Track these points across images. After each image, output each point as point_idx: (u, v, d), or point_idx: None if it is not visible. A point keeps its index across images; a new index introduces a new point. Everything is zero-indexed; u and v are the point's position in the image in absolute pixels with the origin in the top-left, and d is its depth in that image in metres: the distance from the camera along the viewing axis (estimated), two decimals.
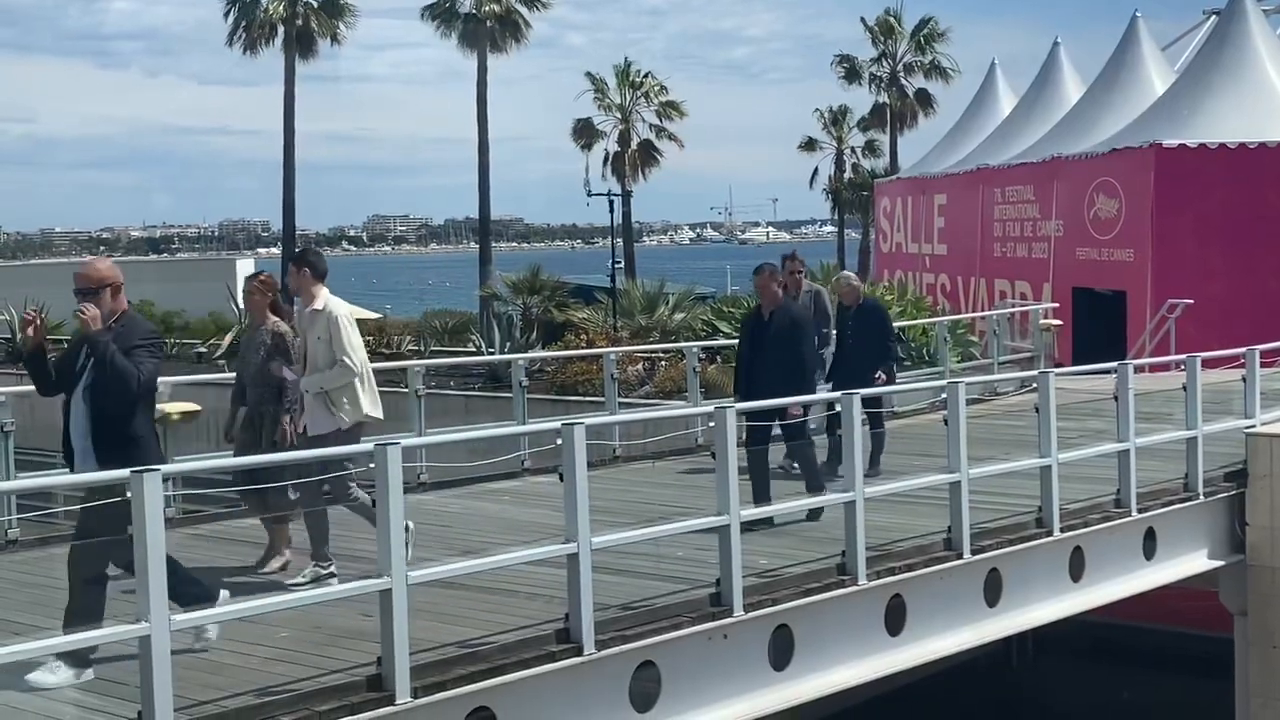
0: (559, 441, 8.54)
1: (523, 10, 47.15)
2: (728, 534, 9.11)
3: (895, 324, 20.84)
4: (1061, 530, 11.59)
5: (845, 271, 15.70)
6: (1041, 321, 22.53)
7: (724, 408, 9.46)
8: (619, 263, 37.53)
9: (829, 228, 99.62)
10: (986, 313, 25.45)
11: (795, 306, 12.30)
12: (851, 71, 61.71)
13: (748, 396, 11.50)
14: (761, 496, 10.97)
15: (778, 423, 11.60)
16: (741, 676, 9.20)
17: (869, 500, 10.17)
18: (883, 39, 60.77)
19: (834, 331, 14.58)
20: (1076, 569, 11.82)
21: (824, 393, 12.71)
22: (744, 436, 11.03)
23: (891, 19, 60.80)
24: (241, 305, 31.32)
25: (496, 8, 46.01)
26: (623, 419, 15.01)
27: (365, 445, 8.55)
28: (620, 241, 54.29)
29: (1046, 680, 18.83)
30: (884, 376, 13.98)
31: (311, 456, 9.07)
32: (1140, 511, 12.41)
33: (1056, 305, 24.38)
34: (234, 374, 11.34)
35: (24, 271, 62.90)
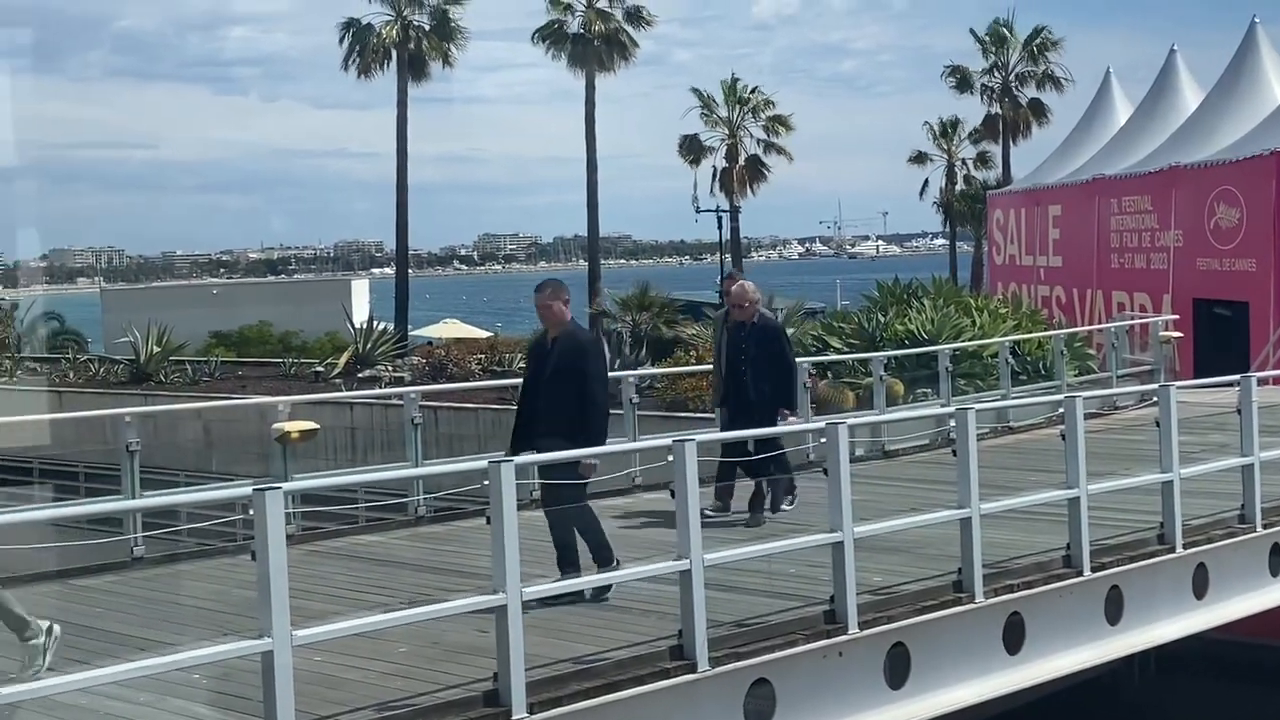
0: (670, 458, 8.55)
1: (630, 29, 47.46)
2: (841, 551, 9.04)
3: (1009, 337, 20.62)
4: (1184, 547, 11.35)
5: (741, 280, 12.71)
6: (1161, 334, 22.08)
7: (835, 424, 9.41)
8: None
9: (940, 241, 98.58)
10: (1104, 325, 25.00)
11: (583, 332, 10.19)
12: (962, 82, 61.07)
13: (515, 438, 9.82)
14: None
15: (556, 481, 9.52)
16: (857, 695, 9.12)
17: (985, 517, 10.04)
18: (994, 49, 60.05)
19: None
20: (1200, 586, 11.57)
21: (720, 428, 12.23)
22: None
23: (1003, 29, 60.08)
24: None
25: (604, 28, 46.35)
26: (733, 435, 14.93)
27: (480, 463, 8.62)
28: (729, 257, 54.32)
29: (1168, 699, 18.40)
30: (790, 417, 12.35)
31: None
32: (1265, 527, 12.11)
33: (1176, 317, 23.88)
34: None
35: (147, 294, 64.47)
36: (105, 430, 15.35)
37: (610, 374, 10.56)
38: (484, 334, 41.37)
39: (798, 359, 14.69)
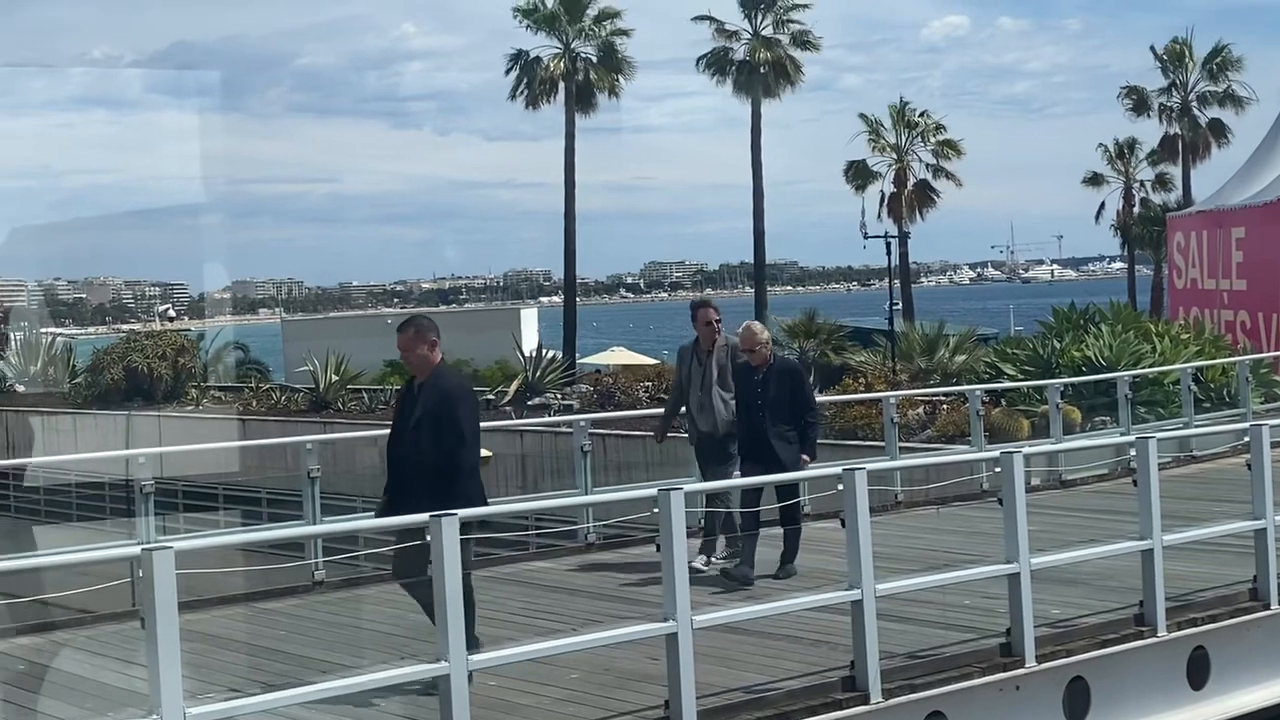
0: (840, 487, 8.51)
1: (796, 54, 47.39)
2: (1018, 582, 8.88)
3: (1192, 363, 20.03)
4: None
5: (751, 321, 12.18)
6: None
7: (1009, 453, 9.25)
8: (897, 304, 37.11)
9: (1118, 264, 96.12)
10: None
11: (451, 375, 9.21)
12: (1140, 103, 59.53)
13: (388, 493, 8.87)
14: None
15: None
16: None
17: (1167, 548, 9.77)
18: (1173, 68, 58.44)
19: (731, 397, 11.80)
20: None
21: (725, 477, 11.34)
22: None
23: (1182, 47, 58.48)
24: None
25: (769, 54, 46.37)
26: (904, 464, 14.82)
27: (650, 490, 8.67)
28: (898, 283, 53.72)
29: None
30: (811, 463, 11.50)
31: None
32: None
33: None
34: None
35: (325, 324, 66.29)
36: (287, 457, 15.81)
37: (651, 412, 10.46)
38: (651, 361, 41.59)
39: (971, 386, 14.25)
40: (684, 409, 12.12)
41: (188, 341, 38.90)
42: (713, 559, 11.57)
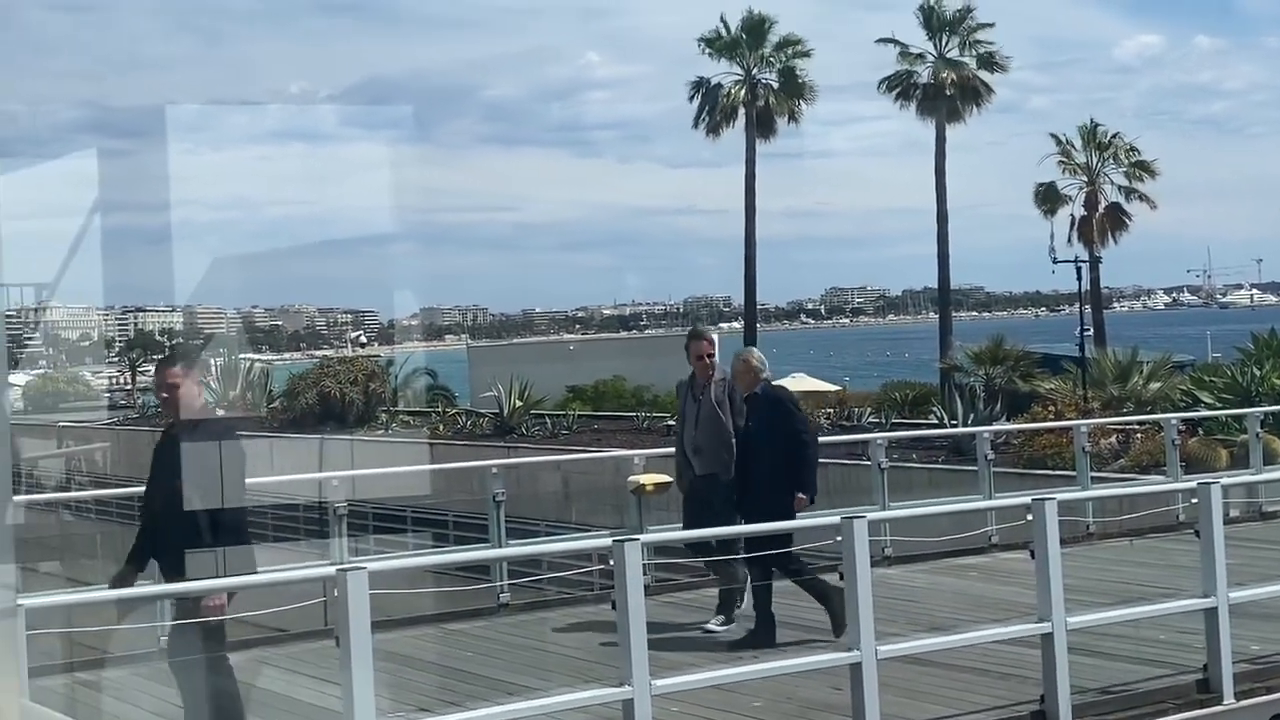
0: (1029, 517, 8.35)
1: (983, 76, 46.72)
2: (1216, 617, 8.60)
3: None
4: None
5: (747, 347, 11.19)
6: None
7: (1207, 484, 8.96)
8: (1088, 330, 36.19)
9: None
10: None
11: (215, 424, 8.01)
12: None
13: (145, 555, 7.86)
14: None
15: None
16: None
17: None
18: None
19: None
20: None
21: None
22: None
23: None
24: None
25: (955, 76, 45.81)
26: (1096, 494, 14.46)
27: (831, 518, 8.63)
28: (1089, 308, 52.40)
29: None
30: (804, 498, 10.39)
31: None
32: None
33: None
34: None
35: (508, 350, 67.38)
36: (473, 481, 16.10)
37: (963, 429, 10.24)
38: (832, 388, 41.30)
39: (1166, 414, 13.73)
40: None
41: (378, 367, 39.93)
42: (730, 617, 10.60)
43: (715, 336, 11.41)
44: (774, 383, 10.96)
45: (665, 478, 13.21)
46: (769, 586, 10.00)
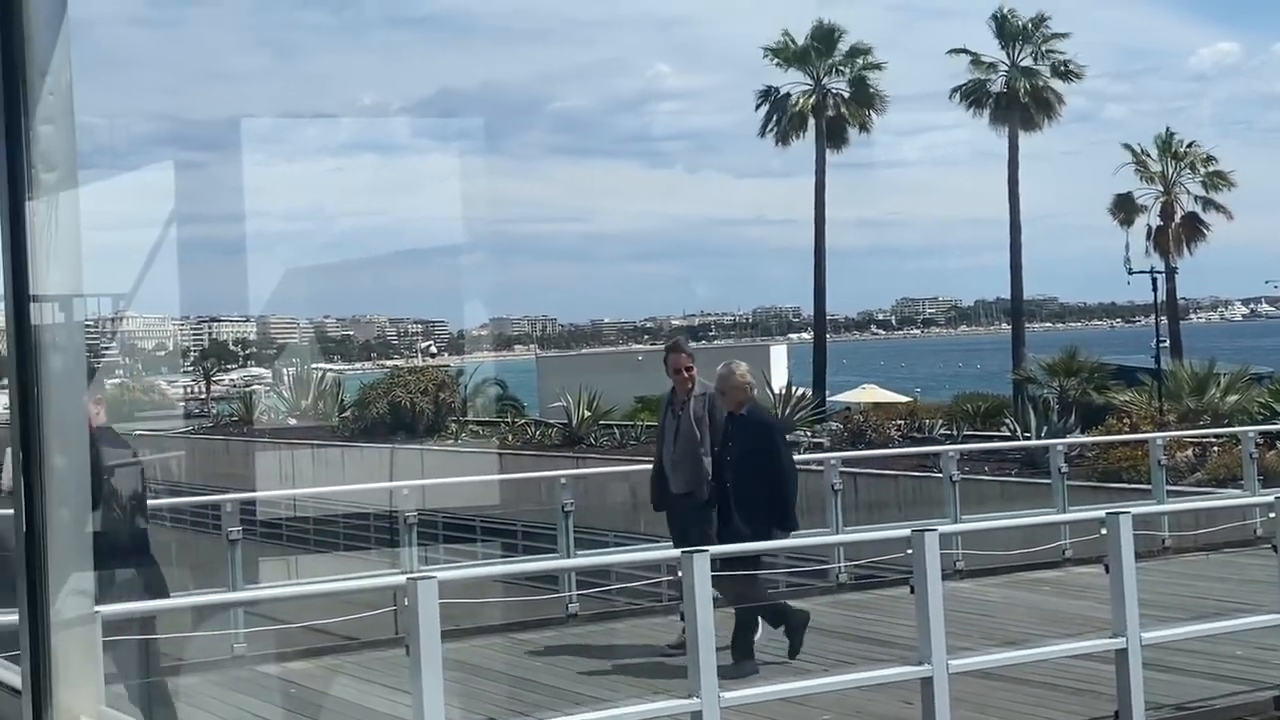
0: (1103, 531, 8.25)
1: (1056, 85, 46.34)
2: None
3: None
4: None
5: (734, 360, 10.27)
6: None
7: None
8: (1164, 342, 35.77)
9: None
10: None
11: (110, 434, 7.59)
12: None
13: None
14: None
15: None
16: None
17: None
18: None
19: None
20: None
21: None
22: None
23: None
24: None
25: (1028, 85, 45.46)
26: (1172, 508, 14.27)
27: (902, 531, 8.55)
28: (1164, 319, 51.76)
29: None
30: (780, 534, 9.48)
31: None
32: None
33: None
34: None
35: (577, 360, 67.56)
36: (541, 491, 16.16)
37: (1036, 442, 10.06)
38: (903, 399, 41.05)
39: (1243, 427, 13.46)
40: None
41: (448, 377, 40.17)
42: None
43: (692, 348, 11.01)
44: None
45: None
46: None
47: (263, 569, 12.41)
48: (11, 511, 3.13)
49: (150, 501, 8.34)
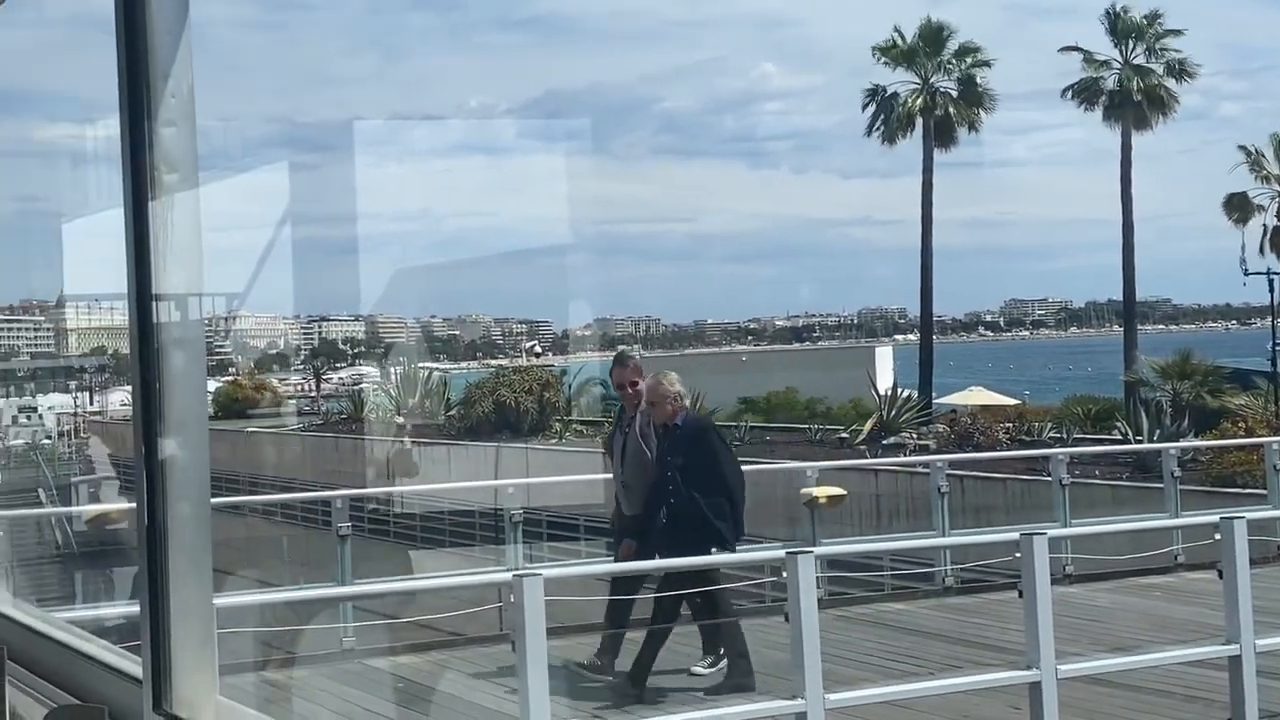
0: (1217, 536, 8.09)
1: (1170, 84, 45.50)
2: None
3: None
4: None
5: (662, 370, 9.94)
6: None
7: None
8: None
9: None
10: None
11: None
12: None
13: None
14: None
15: None
16: None
17: None
18: None
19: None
20: None
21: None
22: None
23: None
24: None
25: (1142, 83, 44.70)
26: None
27: (1010, 534, 8.47)
28: (1279, 322, 50.52)
29: None
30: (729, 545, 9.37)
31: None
32: None
33: None
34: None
35: (680, 361, 67.58)
36: None
37: (1148, 445, 9.92)
38: (1011, 402, 40.48)
39: None
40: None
41: (552, 376, 40.39)
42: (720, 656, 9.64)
43: (639, 359, 10.39)
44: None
45: (839, 490, 13.17)
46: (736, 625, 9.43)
47: (372, 565, 12.56)
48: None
49: (263, 497, 8.54)
